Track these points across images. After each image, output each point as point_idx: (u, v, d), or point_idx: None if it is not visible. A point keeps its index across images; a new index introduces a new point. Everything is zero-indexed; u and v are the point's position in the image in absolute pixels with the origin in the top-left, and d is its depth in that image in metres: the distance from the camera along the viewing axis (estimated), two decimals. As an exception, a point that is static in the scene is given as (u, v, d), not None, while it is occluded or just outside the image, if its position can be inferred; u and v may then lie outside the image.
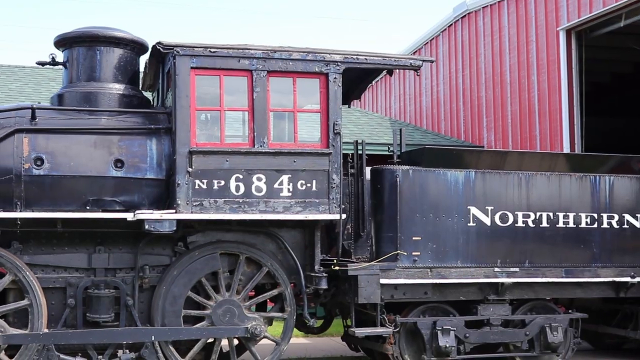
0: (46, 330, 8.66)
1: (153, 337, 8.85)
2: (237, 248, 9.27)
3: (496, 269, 10.15)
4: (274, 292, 9.41)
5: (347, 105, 11.49)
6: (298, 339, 13.34)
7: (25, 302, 8.63)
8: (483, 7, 19.47)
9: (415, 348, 10.04)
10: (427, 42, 22.31)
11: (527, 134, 17.60)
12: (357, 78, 10.66)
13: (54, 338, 8.60)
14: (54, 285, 8.93)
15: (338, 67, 9.33)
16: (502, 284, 10.18)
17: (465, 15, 20.37)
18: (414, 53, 22.27)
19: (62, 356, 8.72)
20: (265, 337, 9.43)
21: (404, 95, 23.66)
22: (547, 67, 16.93)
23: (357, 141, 10.50)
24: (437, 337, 9.86)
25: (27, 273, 8.64)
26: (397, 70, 13.40)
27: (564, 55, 16.43)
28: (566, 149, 16.02)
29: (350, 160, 10.21)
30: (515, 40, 18.07)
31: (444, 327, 9.91)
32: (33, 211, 8.62)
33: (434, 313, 10.14)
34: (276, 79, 9.17)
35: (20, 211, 8.59)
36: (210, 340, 9.38)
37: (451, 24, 21.04)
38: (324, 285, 9.39)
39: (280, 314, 9.50)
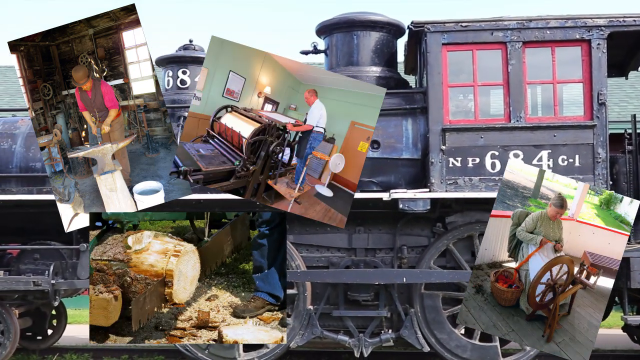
0: (310, 307, 9.03)
1: (405, 278, 8.83)
2: (497, 228, 8.93)
3: None
4: (537, 274, 8.93)
5: (624, 77, 10.63)
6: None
7: (293, 290, 9.07)
8: None
9: None
10: None
11: None
12: (633, 46, 9.79)
13: (310, 276, 8.99)
14: (317, 264, 9.29)
15: (602, 32, 8.64)
16: None
17: None
18: None
19: (325, 332, 9.03)
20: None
21: None
22: None
23: (634, 116, 9.62)
24: None
25: (294, 254, 9.09)
26: None
27: None
28: None
29: (627, 137, 9.40)
30: None
31: None
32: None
33: None
34: (532, 50, 8.72)
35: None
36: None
37: None
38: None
39: (545, 298, 8.99)
